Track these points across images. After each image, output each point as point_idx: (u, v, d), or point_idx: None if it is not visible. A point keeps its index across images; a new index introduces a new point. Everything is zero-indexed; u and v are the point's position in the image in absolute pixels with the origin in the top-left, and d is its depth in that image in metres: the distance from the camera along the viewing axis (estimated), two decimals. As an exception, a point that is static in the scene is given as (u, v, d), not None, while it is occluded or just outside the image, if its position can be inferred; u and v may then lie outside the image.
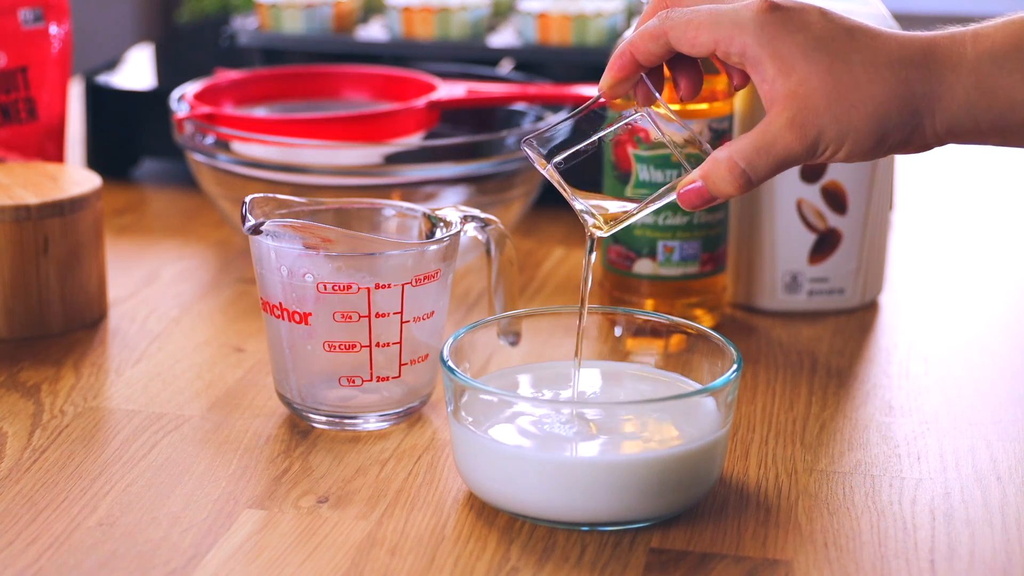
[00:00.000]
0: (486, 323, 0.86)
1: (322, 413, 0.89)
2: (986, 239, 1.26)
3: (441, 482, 0.83)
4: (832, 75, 0.75)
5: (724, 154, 0.77)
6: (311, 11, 1.34)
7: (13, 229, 0.99)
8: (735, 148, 0.77)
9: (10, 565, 0.75)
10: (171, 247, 1.20)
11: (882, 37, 0.76)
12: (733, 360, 0.81)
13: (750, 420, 0.91)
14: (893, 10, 1.06)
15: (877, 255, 1.07)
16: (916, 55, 0.76)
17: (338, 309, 0.86)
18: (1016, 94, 0.75)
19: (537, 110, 1.20)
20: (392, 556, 0.76)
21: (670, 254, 1.01)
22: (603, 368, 0.88)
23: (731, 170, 0.77)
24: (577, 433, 0.79)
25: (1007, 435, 0.89)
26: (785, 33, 0.75)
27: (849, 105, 0.75)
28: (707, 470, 0.79)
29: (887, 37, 0.76)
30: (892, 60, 0.75)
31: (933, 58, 0.76)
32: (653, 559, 0.76)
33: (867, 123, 0.75)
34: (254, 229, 0.85)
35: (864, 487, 0.83)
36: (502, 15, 1.41)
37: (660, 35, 0.77)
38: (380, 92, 1.23)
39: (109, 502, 0.80)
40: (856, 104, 0.75)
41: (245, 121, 1.12)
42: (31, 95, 1.14)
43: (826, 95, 0.75)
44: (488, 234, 0.91)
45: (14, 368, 0.97)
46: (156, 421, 0.90)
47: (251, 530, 0.78)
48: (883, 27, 0.77)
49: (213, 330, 1.04)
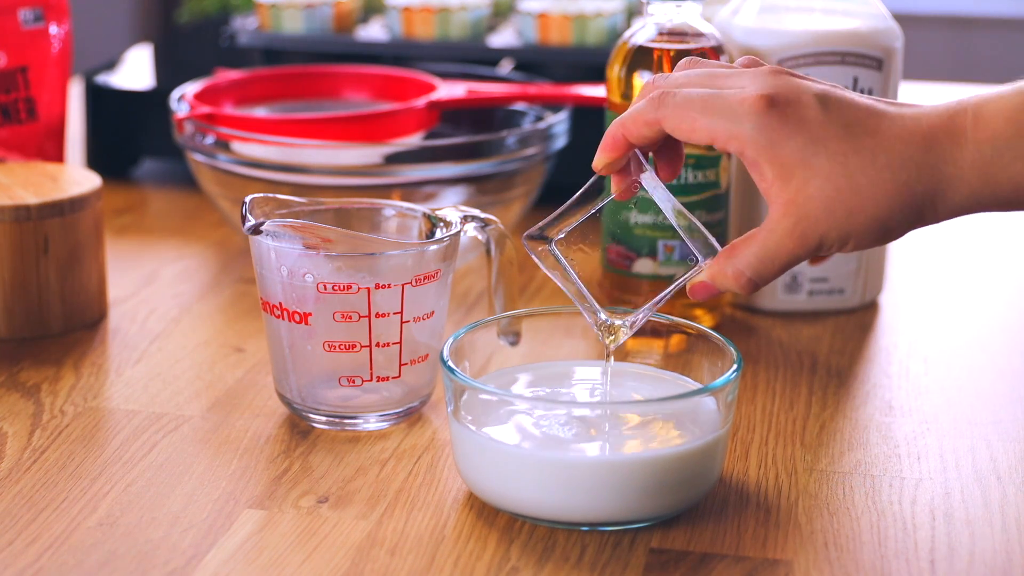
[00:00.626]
0: (486, 323, 0.87)
1: (322, 413, 0.89)
2: (986, 239, 1.26)
3: (441, 482, 0.83)
4: (831, 182, 0.74)
5: (731, 268, 0.77)
6: (311, 11, 1.34)
7: (13, 229, 0.99)
8: (741, 260, 0.77)
9: (10, 565, 0.75)
10: (171, 247, 1.20)
11: (881, 133, 0.75)
12: (733, 360, 0.81)
13: (750, 420, 0.91)
14: (893, 10, 1.06)
15: (877, 255, 1.07)
16: (916, 153, 0.75)
17: (338, 309, 0.86)
18: (1020, 179, 0.75)
19: (537, 110, 1.20)
20: (392, 556, 0.76)
21: (670, 254, 1.01)
22: (603, 368, 0.87)
23: (737, 279, 0.78)
24: (576, 434, 0.79)
25: (1007, 435, 0.89)
26: (783, 136, 0.74)
27: (849, 212, 0.74)
28: (707, 470, 0.79)
29: (886, 132, 0.75)
30: (892, 162, 0.75)
31: (933, 153, 0.75)
32: (653, 559, 0.76)
33: (868, 226, 0.75)
34: (254, 229, 0.85)
35: (864, 487, 0.83)
36: (502, 15, 1.41)
37: (654, 123, 0.77)
38: (380, 92, 1.23)
39: (109, 502, 0.80)
40: (855, 211, 0.74)
41: (245, 121, 1.12)
42: (31, 95, 1.14)
43: (826, 204, 0.74)
44: (488, 234, 0.91)
45: (14, 368, 0.97)
46: (156, 421, 0.90)
47: (251, 530, 0.78)
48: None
49: (213, 330, 1.04)
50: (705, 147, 0.82)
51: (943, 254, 1.22)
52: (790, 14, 1.03)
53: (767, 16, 1.03)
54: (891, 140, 0.75)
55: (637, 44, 0.99)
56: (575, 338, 0.89)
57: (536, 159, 1.14)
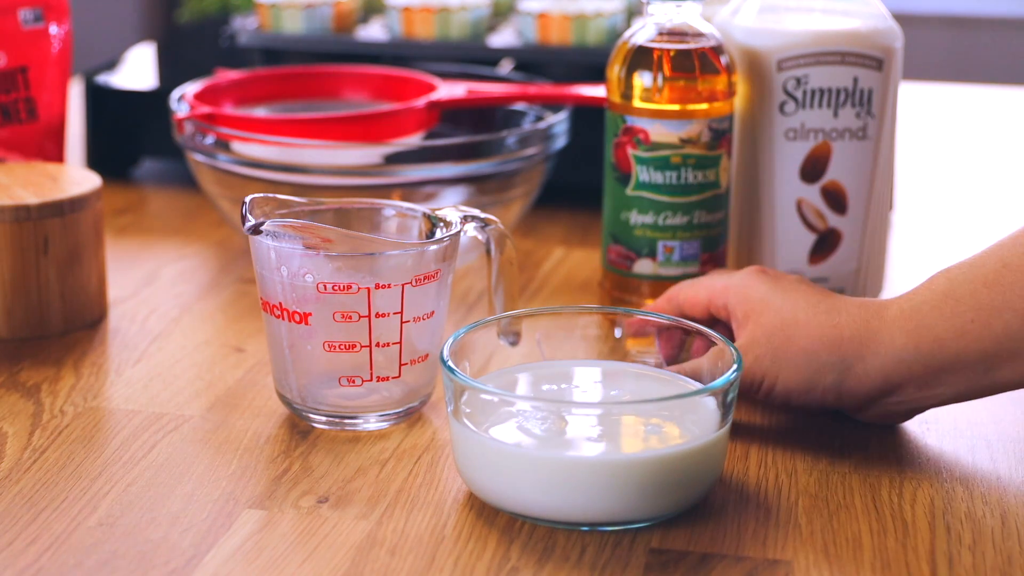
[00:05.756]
0: (486, 323, 0.86)
1: (322, 413, 0.89)
2: (986, 240, 1.26)
3: (441, 482, 0.83)
4: (780, 315, 0.86)
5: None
6: (311, 11, 1.34)
7: (13, 229, 0.99)
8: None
9: (10, 565, 0.75)
10: (171, 247, 1.20)
11: (834, 295, 0.87)
12: (733, 360, 0.81)
13: (750, 420, 0.91)
14: (893, 10, 1.06)
15: (877, 255, 1.07)
16: (852, 307, 0.86)
17: (338, 309, 0.86)
18: (939, 332, 0.83)
19: (537, 110, 1.20)
20: (392, 556, 0.76)
21: (670, 254, 1.01)
22: (603, 368, 0.88)
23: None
24: (576, 434, 0.79)
25: (1007, 435, 0.89)
26: (756, 282, 0.88)
27: (786, 338, 0.85)
28: (707, 470, 0.79)
29: (838, 296, 0.87)
30: (831, 307, 0.86)
31: (865, 308, 0.85)
32: (653, 559, 0.76)
33: (798, 357, 0.85)
34: (254, 229, 0.85)
35: (864, 487, 0.83)
36: (502, 15, 1.41)
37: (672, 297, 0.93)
38: (380, 92, 1.23)
39: (109, 502, 0.80)
40: (792, 338, 0.85)
41: (245, 121, 1.12)
42: (31, 95, 1.14)
43: (770, 329, 0.86)
44: (488, 234, 0.91)
45: (14, 368, 0.97)
46: (156, 421, 0.90)
47: (251, 530, 0.78)
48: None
49: (213, 330, 1.04)
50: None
51: (943, 254, 1.22)
52: (790, 14, 1.03)
53: (767, 16, 1.03)
54: (837, 298, 0.87)
55: (637, 44, 0.99)
56: (575, 338, 0.89)
57: (536, 159, 1.14)
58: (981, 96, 1.79)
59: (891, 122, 1.03)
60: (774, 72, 1.01)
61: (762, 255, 1.05)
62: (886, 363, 0.84)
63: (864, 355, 0.84)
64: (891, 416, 0.87)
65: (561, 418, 0.80)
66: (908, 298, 0.85)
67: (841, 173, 1.03)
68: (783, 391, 0.86)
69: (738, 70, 1.01)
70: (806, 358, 0.85)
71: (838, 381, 0.85)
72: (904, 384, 0.84)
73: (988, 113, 1.70)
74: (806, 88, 1.01)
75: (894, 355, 0.84)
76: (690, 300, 0.91)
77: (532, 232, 1.23)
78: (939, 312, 0.83)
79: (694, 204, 1.00)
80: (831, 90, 1.01)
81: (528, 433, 0.79)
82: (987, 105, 1.75)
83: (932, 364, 0.83)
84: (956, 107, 1.74)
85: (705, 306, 0.90)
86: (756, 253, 1.05)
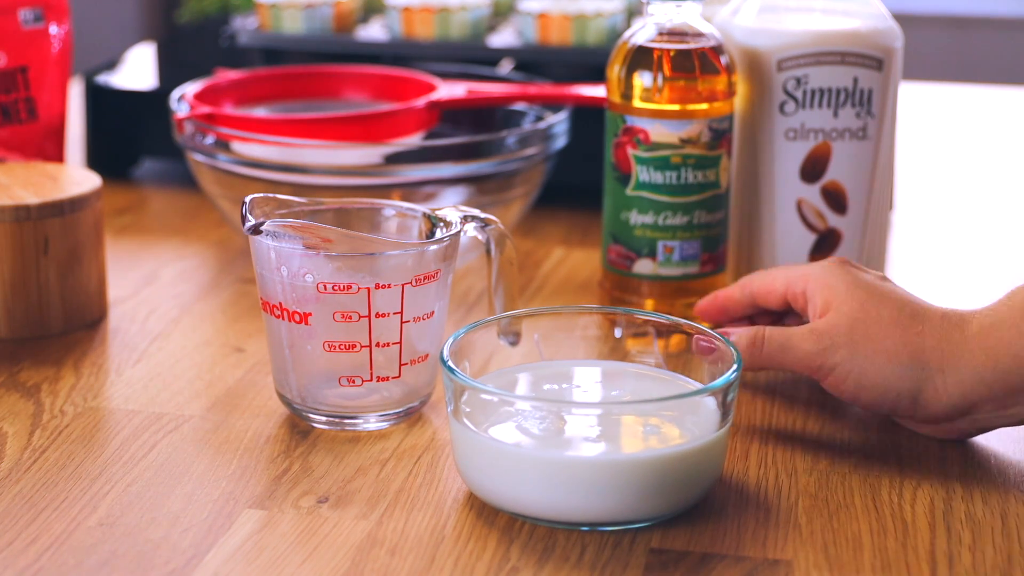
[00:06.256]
0: (486, 323, 0.86)
1: (322, 413, 0.89)
2: (986, 240, 1.26)
3: (441, 482, 0.83)
4: (863, 309, 0.85)
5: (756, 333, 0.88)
6: (311, 11, 1.34)
7: (13, 229, 0.99)
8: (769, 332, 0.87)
9: (10, 565, 0.75)
10: (171, 247, 1.20)
11: (917, 299, 0.86)
12: (733, 360, 0.81)
13: (750, 420, 0.91)
14: (893, 10, 1.06)
15: (877, 255, 1.07)
16: (935, 316, 0.85)
17: (338, 309, 0.86)
18: (1017, 349, 0.82)
19: (537, 110, 1.20)
20: (392, 556, 0.76)
21: (670, 254, 1.01)
22: (603, 368, 0.88)
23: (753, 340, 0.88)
24: (576, 434, 0.79)
25: (1007, 435, 0.89)
26: (840, 273, 0.87)
27: (867, 334, 0.84)
28: (707, 470, 0.79)
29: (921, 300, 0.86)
30: (915, 312, 0.85)
31: (947, 319, 0.84)
32: (653, 559, 0.76)
33: (878, 356, 0.84)
34: (254, 229, 0.85)
35: (864, 487, 0.83)
36: (502, 15, 1.41)
37: (745, 284, 0.93)
38: (380, 92, 1.23)
39: (109, 502, 0.80)
40: (874, 336, 0.84)
41: (245, 121, 1.12)
42: (31, 95, 1.14)
43: (851, 321, 0.85)
44: (488, 234, 0.91)
45: (14, 368, 0.97)
46: (156, 421, 0.90)
47: (251, 530, 0.78)
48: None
49: (213, 330, 1.04)
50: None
51: (942, 254, 1.22)
52: (790, 14, 1.03)
53: (767, 16, 1.03)
54: (917, 303, 0.86)
55: (637, 44, 0.99)
56: (575, 338, 0.89)
57: (536, 159, 1.14)
58: (981, 96, 1.79)
59: (891, 122, 1.03)
60: (774, 72, 1.01)
61: (762, 255, 1.05)
62: (964, 380, 0.83)
63: (944, 368, 0.83)
64: (963, 433, 0.87)
65: (561, 418, 0.80)
66: (988, 313, 0.84)
67: (841, 173, 1.03)
68: (854, 386, 0.85)
69: (738, 70, 1.01)
70: (886, 358, 0.84)
71: (915, 390, 0.84)
72: (981, 403, 0.84)
73: (988, 113, 1.70)
74: (806, 88, 1.01)
75: (973, 373, 0.83)
76: (765, 287, 0.91)
77: (532, 232, 1.23)
78: (1018, 330, 0.82)
79: (694, 204, 1.00)
80: (831, 90, 1.01)
81: (528, 433, 0.79)
82: (987, 105, 1.75)
83: (1010, 382, 0.82)
84: (956, 107, 1.74)
85: (781, 293, 0.90)
86: (756, 253, 1.05)
